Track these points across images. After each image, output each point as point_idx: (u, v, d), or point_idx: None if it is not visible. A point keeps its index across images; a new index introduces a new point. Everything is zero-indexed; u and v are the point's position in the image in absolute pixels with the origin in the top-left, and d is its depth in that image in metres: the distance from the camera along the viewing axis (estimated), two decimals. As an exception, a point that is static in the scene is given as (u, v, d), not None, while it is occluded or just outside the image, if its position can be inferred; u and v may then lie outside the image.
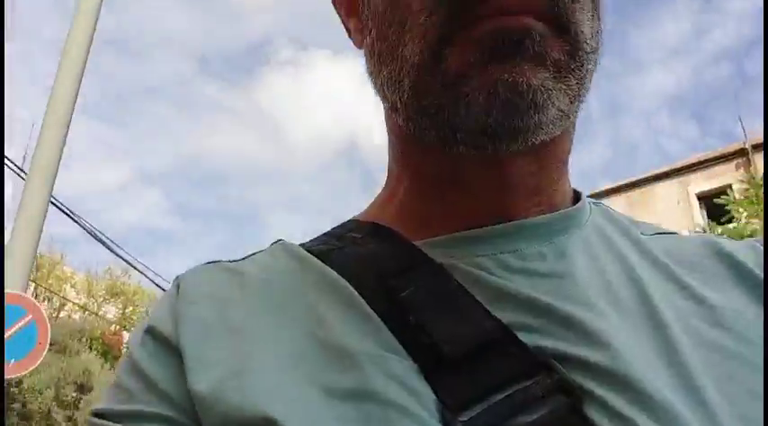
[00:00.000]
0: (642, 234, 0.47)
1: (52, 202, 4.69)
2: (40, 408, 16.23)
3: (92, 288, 22.31)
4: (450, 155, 0.41)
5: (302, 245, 0.48)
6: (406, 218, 0.46)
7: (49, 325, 3.69)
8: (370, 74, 0.44)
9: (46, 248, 20.33)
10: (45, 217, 3.81)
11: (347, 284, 0.41)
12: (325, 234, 0.49)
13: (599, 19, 0.41)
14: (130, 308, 23.43)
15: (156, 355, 0.42)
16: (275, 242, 0.49)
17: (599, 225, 0.46)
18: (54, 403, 16.47)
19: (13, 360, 3.40)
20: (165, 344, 0.42)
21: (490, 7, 0.35)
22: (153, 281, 12.89)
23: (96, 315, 21.25)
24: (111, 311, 22.75)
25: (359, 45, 0.47)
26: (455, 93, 0.37)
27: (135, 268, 11.43)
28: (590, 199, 0.49)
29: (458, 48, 0.36)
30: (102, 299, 22.52)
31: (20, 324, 3.51)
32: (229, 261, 0.48)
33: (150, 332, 0.43)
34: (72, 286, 21.95)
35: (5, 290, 3.48)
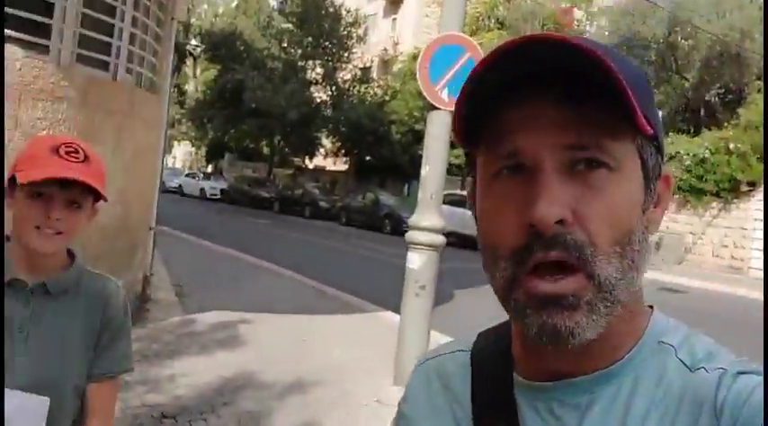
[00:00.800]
0: (690, 368, 0.57)
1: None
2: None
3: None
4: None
5: (474, 348, 0.72)
6: (519, 349, 0.66)
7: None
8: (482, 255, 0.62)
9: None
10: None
11: (471, 418, 0.66)
12: (493, 329, 0.73)
13: (635, 250, 0.55)
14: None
15: None
16: (458, 350, 0.74)
17: (638, 376, 0.59)
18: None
19: (459, 91, 3.95)
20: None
21: (538, 267, 0.53)
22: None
23: (545, -6, 21.55)
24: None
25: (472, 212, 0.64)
26: (522, 320, 0.55)
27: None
28: (664, 338, 0.60)
29: (522, 291, 0.55)
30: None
31: (461, 61, 4.00)
32: (433, 358, 0.76)
33: (397, 407, 0.77)
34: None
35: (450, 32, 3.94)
